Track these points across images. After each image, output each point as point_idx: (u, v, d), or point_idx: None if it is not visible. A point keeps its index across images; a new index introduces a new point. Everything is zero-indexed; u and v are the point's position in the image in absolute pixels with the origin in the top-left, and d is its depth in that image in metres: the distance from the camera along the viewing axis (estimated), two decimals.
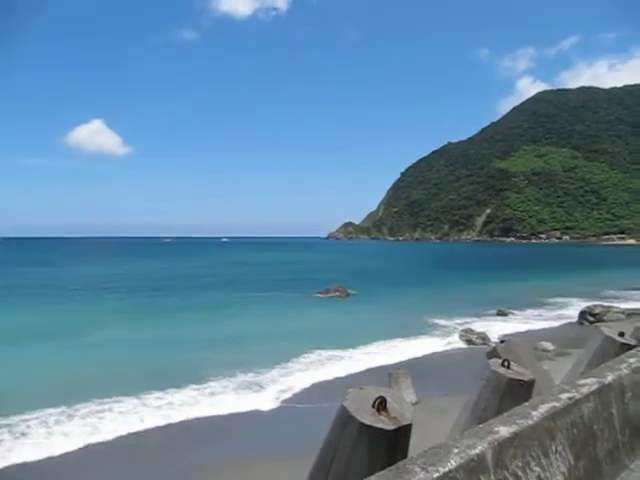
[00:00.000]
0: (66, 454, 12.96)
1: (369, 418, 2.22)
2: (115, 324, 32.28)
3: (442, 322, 32.14)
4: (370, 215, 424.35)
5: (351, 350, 24.34)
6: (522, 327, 30.73)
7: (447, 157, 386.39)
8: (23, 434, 14.42)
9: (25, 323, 31.82)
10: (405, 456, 2.15)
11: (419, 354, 24.10)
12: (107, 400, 16.92)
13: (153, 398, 17.28)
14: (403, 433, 2.24)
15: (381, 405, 2.28)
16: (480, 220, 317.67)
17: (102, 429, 14.77)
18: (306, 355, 23.40)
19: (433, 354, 24.33)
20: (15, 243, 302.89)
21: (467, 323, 31.10)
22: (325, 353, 23.80)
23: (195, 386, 18.62)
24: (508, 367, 2.99)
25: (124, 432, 14.52)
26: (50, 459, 12.77)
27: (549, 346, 23.47)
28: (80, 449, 13.39)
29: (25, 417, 15.35)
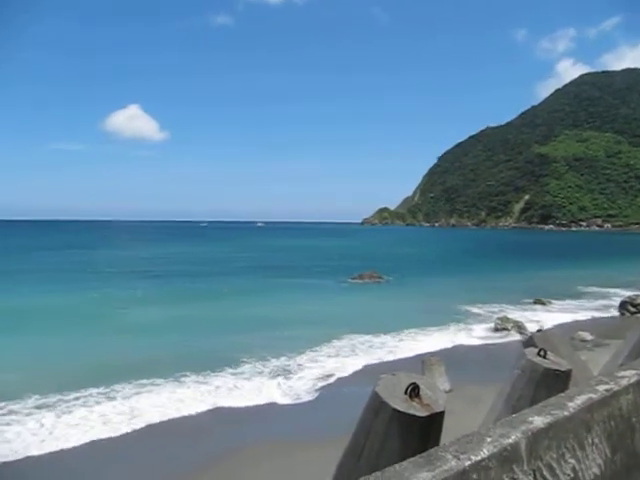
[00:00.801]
0: (109, 437, 13.32)
1: (401, 404, 2.21)
2: (150, 306, 33.03)
3: (477, 310, 31.79)
4: (405, 201, 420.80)
5: (383, 336, 24.33)
6: (560, 317, 30.12)
7: (485, 142, 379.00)
8: (64, 413, 14.97)
9: (60, 304, 32.85)
10: (437, 444, 2.14)
11: (453, 342, 23.94)
12: (145, 382, 17.36)
13: (191, 382, 17.63)
14: (435, 420, 2.23)
15: (414, 392, 2.28)
16: (518, 207, 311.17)
17: (143, 411, 15.17)
18: (337, 341, 23.49)
19: (467, 342, 24.13)
20: (53, 226, 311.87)
21: (503, 311, 30.67)
22: (357, 339, 23.85)
23: (231, 370, 18.95)
24: (544, 357, 2.93)
25: (165, 414, 14.90)
26: (93, 442, 13.21)
27: (587, 336, 22.97)
28: (121, 430, 13.83)
29: (65, 397, 15.89)
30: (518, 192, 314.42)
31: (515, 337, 23.91)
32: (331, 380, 18.16)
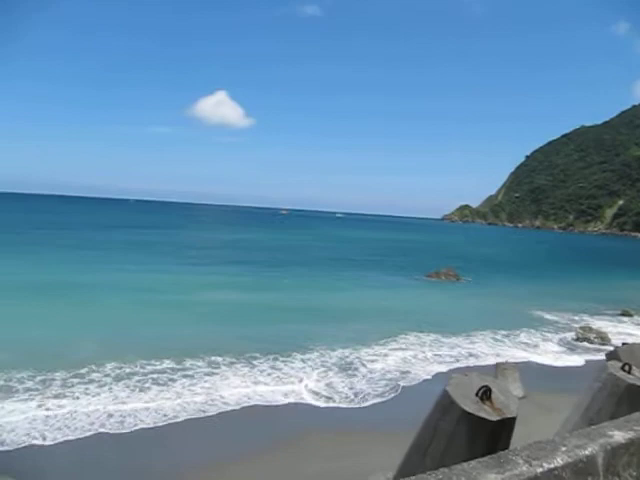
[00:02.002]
0: (188, 419, 13.87)
1: (472, 406, 2.18)
2: (225, 288, 34.09)
3: (556, 318, 30.42)
4: (489, 199, 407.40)
5: (453, 338, 23.83)
6: None
7: (578, 141, 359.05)
8: (140, 390, 15.79)
9: (140, 280, 34.55)
10: (506, 449, 2.10)
11: (529, 348, 23.09)
12: (219, 361, 18.01)
13: (266, 366, 18.05)
14: (506, 425, 2.18)
15: (485, 394, 2.24)
16: (611, 212, 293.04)
17: (219, 390, 15.74)
18: (405, 337, 23.33)
19: (543, 350, 23.17)
20: (142, 205, 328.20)
21: (585, 321, 29.16)
22: (424, 337, 23.54)
23: (301, 356, 19.29)
24: (629, 372, 2.78)
25: (243, 395, 15.39)
26: (169, 425, 13.87)
27: None
28: (201, 409, 14.45)
29: (140, 370, 16.76)
30: (612, 196, 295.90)
31: (597, 348, 22.70)
32: (394, 377, 18.03)
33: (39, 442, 11.74)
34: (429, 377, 18.06)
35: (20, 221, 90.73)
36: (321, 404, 15.08)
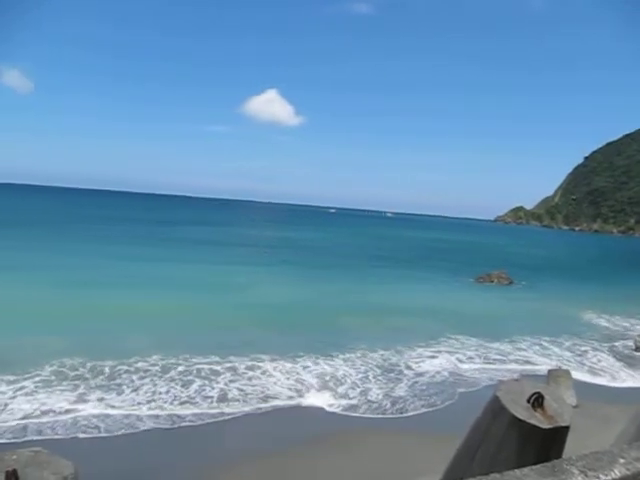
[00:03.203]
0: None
1: (523, 413, 2.13)
2: (272, 285, 34.45)
3: (613, 325, 29.29)
4: (544, 201, 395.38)
5: (503, 342, 23.33)
6: None
7: None
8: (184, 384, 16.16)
9: (191, 275, 35.34)
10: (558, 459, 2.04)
11: (583, 356, 22.31)
12: (262, 356, 18.26)
13: (310, 362, 18.26)
14: (559, 434, 2.12)
15: (537, 401, 2.18)
16: None
17: (263, 386, 15.96)
18: (453, 340, 23.04)
19: (596, 356, 22.34)
20: (198, 202, 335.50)
21: None
22: (473, 341, 23.15)
23: (342, 355, 19.31)
24: None
25: (286, 395, 15.56)
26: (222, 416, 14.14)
27: None
28: (241, 404, 14.68)
29: (184, 363, 17.16)
30: None
31: None
32: (439, 380, 17.81)
33: (89, 430, 12.24)
34: (477, 382, 17.74)
35: (95, 216, 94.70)
36: (362, 405, 15.02)
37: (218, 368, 16.79)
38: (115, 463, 10.82)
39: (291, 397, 15.10)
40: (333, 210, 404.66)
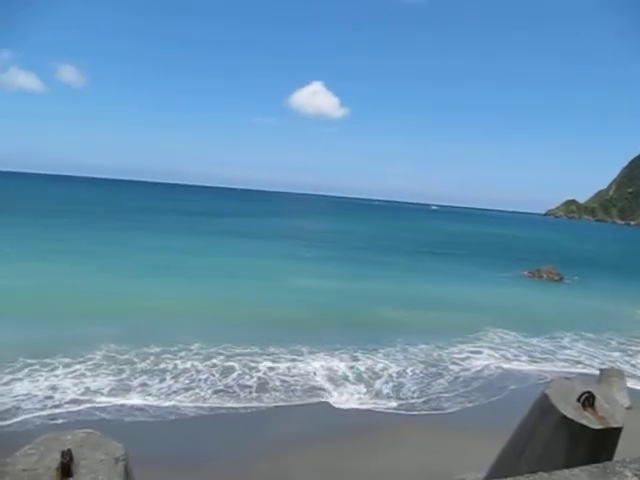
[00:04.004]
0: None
1: (572, 412, 2.08)
2: (318, 277, 34.48)
3: None
4: (598, 194, 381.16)
5: (553, 340, 22.75)
6: None
7: None
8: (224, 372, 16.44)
9: (233, 266, 35.94)
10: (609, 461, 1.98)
11: (633, 356, 21.51)
12: (302, 349, 18.38)
13: (349, 355, 18.18)
14: (610, 435, 2.06)
15: (588, 401, 2.13)
16: None
17: (301, 379, 16.15)
18: (500, 336, 22.67)
19: None
20: (246, 194, 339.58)
21: None
22: (521, 338, 22.72)
23: (382, 350, 19.19)
24: None
25: (316, 387, 15.63)
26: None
27: None
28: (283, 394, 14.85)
29: (224, 352, 17.53)
30: None
31: None
32: (485, 376, 17.53)
33: (133, 414, 12.68)
34: (522, 379, 17.36)
35: (139, 208, 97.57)
36: (402, 400, 14.92)
37: (258, 358, 17.03)
38: (156, 446, 11.17)
39: (328, 390, 15.15)
40: (377, 202, 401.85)
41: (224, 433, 12.16)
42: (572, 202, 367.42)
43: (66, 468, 1.39)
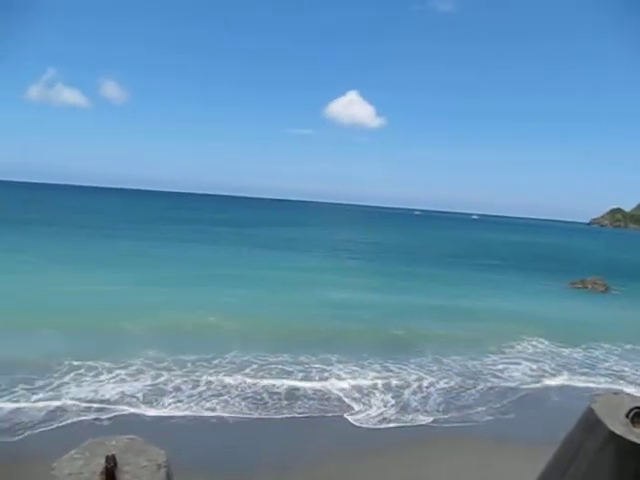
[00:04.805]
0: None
1: (620, 428, 1.99)
2: (352, 287, 34.47)
3: None
4: None
5: (597, 353, 22.03)
6: None
7: None
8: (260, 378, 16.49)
9: (270, 277, 36.22)
10: None
11: None
12: (331, 358, 18.30)
13: (375, 366, 17.92)
14: None
15: (637, 417, 2.03)
16: None
17: (328, 391, 16.05)
18: (540, 348, 22.13)
19: None
20: (277, 204, 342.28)
21: None
22: (564, 350, 22.07)
23: (413, 360, 18.91)
24: None
25: (344, 401, 15.53)
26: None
27: None
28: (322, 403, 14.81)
29: (256, 361, 17.59)
30: None
31: None
32: (524, 388, 17.09)
33: (168, 420, 12.86)
34: (564, 393, 16.84)
35: (178, 218, 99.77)
36: (435, 412, 14.63)
37: (289, 368, 17.04)
38: (193, 452, 11.27)
39: (358, 399, 15.03)
40: (418, 212, 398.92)
41: (259, 442, 12.19)
42: (617, 210, 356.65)
43: (110, 473, 1.41)
